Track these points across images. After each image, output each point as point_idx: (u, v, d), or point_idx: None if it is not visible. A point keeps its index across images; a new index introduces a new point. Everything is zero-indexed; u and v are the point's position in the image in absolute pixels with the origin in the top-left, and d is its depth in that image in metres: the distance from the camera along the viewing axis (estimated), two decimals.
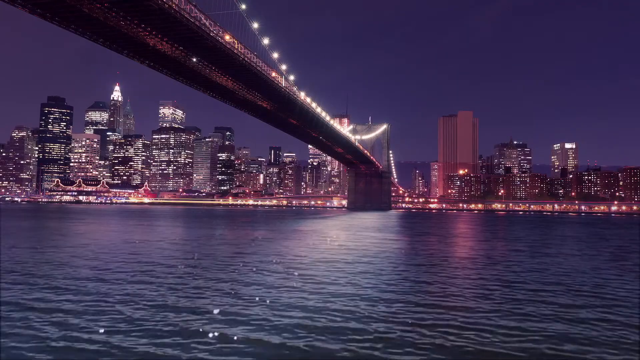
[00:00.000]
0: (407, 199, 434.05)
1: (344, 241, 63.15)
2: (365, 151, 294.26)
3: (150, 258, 40.51)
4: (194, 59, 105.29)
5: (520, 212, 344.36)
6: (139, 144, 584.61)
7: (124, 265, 36.20)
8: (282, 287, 27.90)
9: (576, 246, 61.54)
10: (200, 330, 18.92)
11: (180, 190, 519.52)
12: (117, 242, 56.36)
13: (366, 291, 27.07)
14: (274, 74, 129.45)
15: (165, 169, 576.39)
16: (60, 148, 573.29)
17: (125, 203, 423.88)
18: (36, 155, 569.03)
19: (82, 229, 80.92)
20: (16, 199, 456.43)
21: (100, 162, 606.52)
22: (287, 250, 49.46)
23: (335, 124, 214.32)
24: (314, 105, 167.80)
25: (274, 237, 68.79)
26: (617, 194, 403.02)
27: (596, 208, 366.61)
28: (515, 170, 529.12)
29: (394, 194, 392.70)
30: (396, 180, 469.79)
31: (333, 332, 18.96)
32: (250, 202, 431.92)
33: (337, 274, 32.95)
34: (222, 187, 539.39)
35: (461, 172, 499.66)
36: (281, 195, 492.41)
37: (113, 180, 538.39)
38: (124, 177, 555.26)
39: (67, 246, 50.35)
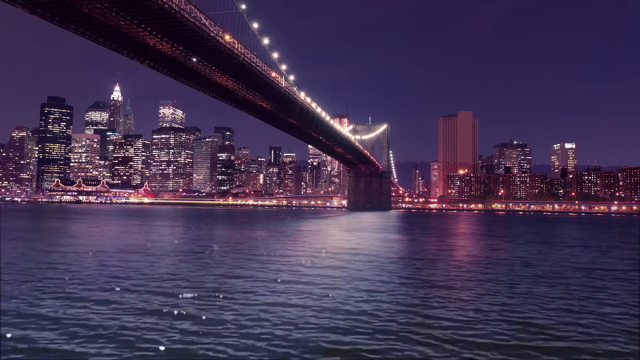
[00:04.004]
0: (407, 199, 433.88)
1: (344, 242, 63.19)
2: (365, 151, 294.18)
3: (155, 257, 40.56)
4: (194, 59, 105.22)
5: (520, 212, 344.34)
6: (139, 144, 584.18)
7: (135, 265, 36.24)
8: (282, 287, 27.94)
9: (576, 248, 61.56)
10: (200, 327, 18.95)
11: (180, 190, 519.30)
12: (132, 243, 56.37)
13: (367, 292, 27.11)
14: (273, 74, 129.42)
15: (165, 169, 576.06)
16: (60, 148, 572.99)
17: (125, 203, 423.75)
18: (36, 155, 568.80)
19: (86, 230, 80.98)
20: (16, 199, 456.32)
21: (100, 162, 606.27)
22: (288, 251, 49.49)
23: (335, 124, 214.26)
24: (313, 105, 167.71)
25: (275, 237, 68.86)
26: (617, 194, 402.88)
27: (596, 208, 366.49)
28: (515, 170, 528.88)
29: (394, 194, 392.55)
30: (396, 180, 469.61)
31: (331, 332, 19.00)
32: (250, 202, 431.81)
33: (338, 275, 32.98)
34: (222, 187, 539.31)
35: (461, 172, 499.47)
36: (281, 195, 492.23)
37: (113, 180, 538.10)
38: (124, 177, 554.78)
39: (77, 246, 50.39)
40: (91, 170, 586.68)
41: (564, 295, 26.84)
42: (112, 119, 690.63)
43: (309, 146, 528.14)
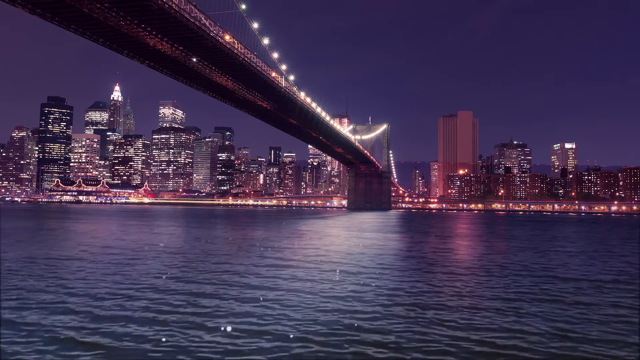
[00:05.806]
0: (407, 199, 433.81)
1: (343, 243, 63.18)
2: (365, 151, 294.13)
3: (158, 257, 40.54)
4: (194, 59, 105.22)
5: (520, 212, 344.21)
6: (139, 144, 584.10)
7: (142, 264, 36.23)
8: (281, 288, 27.94)
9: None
10: (201, 328, 18.93)
11: (180, 190, 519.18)
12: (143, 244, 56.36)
13: (366, 293, 27.11)
14: (273, 74, 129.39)
15: (165, 169, 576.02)
16: (60, 148, 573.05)
17: (125, 203, 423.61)
18: (36, 155, 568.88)
19: (88, 229, 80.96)
20: (16, 199, 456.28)
21: (100, 162, 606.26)
22: (288, 251, 49.48)
23: (335, 124, 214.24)
24: (313, 105, 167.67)
25: (277, 237, 68.86)
26: (617, 194, 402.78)
27: (596, 208, 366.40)
28: (515, 170, 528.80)
29: (394, 194, 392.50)
30: (396, 180, 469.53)
31: (330, 334, 18.99)
32: (250, 202, 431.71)
33: (338, 275, 32.97)
34: (222, 187, 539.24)
35: (461, 172, 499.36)
36: (281, 195, 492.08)
37: (113, 180, 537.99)
38: (124, 177, 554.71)
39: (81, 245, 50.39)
40: (91, 170, 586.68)
41: (561, 306, 26.82)
42: (112, 119, 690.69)
43: (309, 146, 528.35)
